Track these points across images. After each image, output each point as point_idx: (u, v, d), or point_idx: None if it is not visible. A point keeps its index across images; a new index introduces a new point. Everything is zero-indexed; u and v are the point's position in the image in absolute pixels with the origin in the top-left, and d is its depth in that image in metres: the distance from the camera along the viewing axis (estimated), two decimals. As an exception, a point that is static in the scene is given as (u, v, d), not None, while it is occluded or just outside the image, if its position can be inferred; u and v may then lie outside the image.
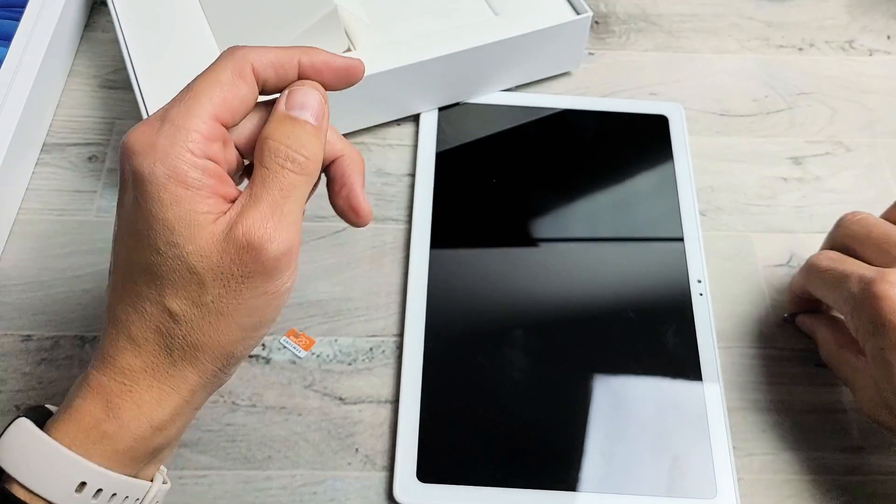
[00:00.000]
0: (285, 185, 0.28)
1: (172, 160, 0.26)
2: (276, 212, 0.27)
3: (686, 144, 0.49)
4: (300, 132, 0.28)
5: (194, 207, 0.26)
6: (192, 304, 0.27)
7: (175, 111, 0.27)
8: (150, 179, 0.26)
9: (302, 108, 0.29)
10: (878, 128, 0.51)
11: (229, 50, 0.29)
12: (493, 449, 0.38)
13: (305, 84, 0.30)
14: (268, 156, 0.28)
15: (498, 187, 0.46)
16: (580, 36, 0.50)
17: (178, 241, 0.26)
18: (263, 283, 0.27)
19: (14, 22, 0.48)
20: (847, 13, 0.58)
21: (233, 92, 0.28)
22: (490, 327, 0.41)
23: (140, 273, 0.27)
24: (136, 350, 0.27)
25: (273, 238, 0.27)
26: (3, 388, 0.39)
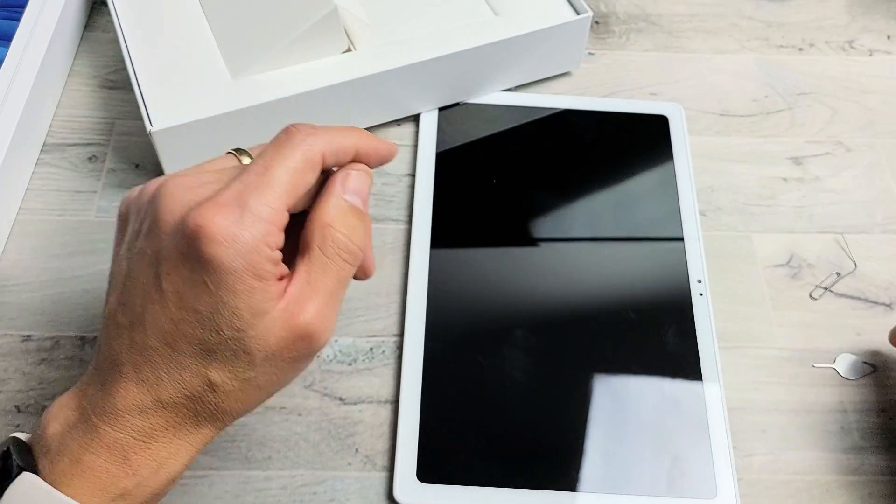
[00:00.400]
0: (342, 276, 0.29)
1: (252, 255, 0.26)
2: (332, 301, 0.28)
3: (686, 144, 0.49)
4: (358, 223, 0.29)
5: (263, 297, 0.26)
6: (234, 378, 0.27)
7: (254, 200, 0.26)
8: (230, 271, 0.26)
9: (357, 195, 0.30)
10: (878, 128, 0.51)
11: (300, 133, 0.29)
12: (493, 449, 0.38)
13: (361, 169, 0.30)
14: (330, 245, 0.28)
15: (498, 187, 0.46)
16: (580, 36, 0.50)
17: (242, 327, 0.26)
18: (304, 362, 0.29)
19: (14, 22, 0.48)
20: (847, 13, 0.58)
21: (303, 181, 0.28)
22: (490, 327, 0.41)
23: (187, 345, 0.27)
24: (161, 412, 0.27)
25: (327, 328, 0.28)
26: (3, 389, 0.39)
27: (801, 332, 0.42)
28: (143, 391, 0.27)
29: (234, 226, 0.26)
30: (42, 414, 0.28)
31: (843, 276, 0.44)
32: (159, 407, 0.27)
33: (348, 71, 0.45)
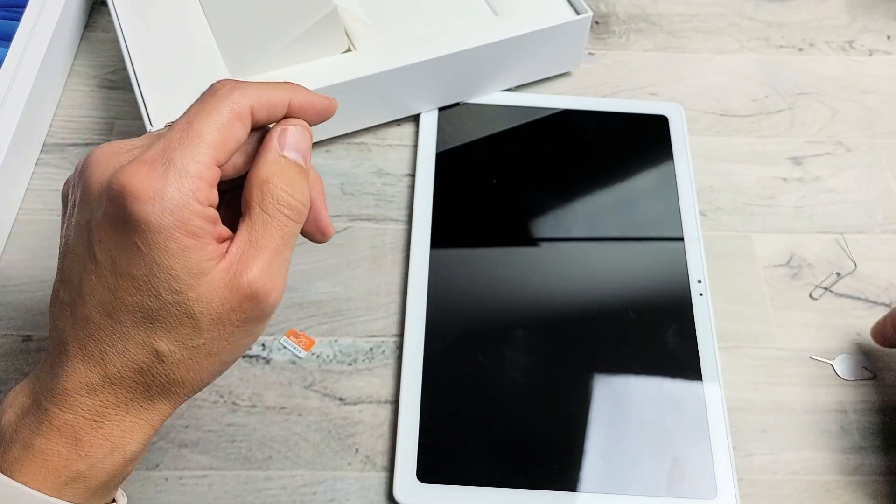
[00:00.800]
0: (286, 233, 0.28)
1: (181, 210, 0.25)
2: (278, 259, 0.27)
3: (686, 144, 0.49)
4: (297, 177, 0.28)
5: (199, 255, 0.26)
6: (182, 345, 0.26)
7: (179, 154, 0.26)
8: (158, 229, 0.25)
9: (296, 151, 0.29)
10: (878, 128, 0.51)
11: (225, 87, 0.28)
12: (493, 449, 0.38)
13: (297, 124, 0.30)
14: (270, 202, 0.28)
15: (498, 187, 0.46)
16: (580, 36, 0.50)
17: (181, 289, 0.26)
18: (256, 325, 0.28)
19: (14, 22, 0.48)
20: (847, 13, 0.58)
21: (231, 134, 0.27)
22: (490, 327, 0.41)
23: (127, 314, 0.26)
24: (110, 388, 0.26)
25: (276, 287, 0.27)
26: (3, 389, 0.39)
27: (801, 332, 0.42)
28: (90, 368, 0.26)
29: (159, 182, 0.25)
30: None
31: (843, 276, 0.44)
32: (108, 383, 0.26)
33: (348, 71, 0.45)
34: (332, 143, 0.48)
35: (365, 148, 0.48)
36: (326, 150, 0.48)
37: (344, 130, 0.48)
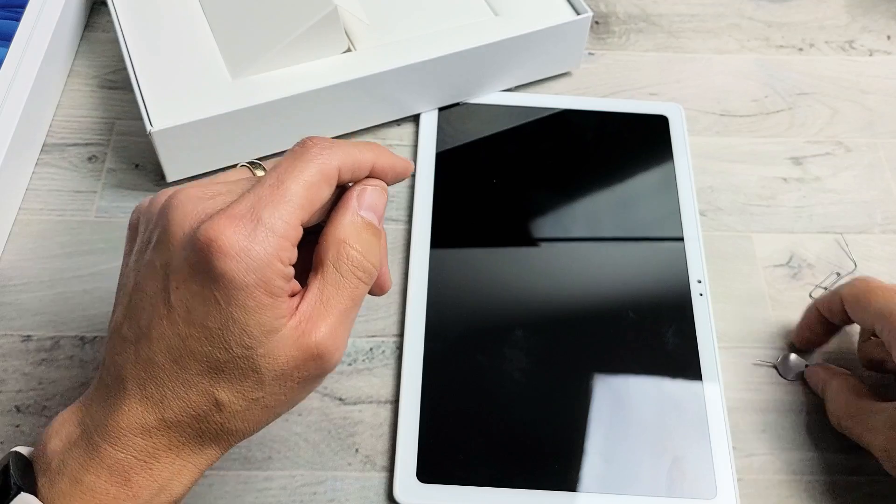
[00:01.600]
0: (356, 295, 0.28)
1: (265, 270, 0.25)
2: (345, 320, 0.28)
3: (686, 144, 0.49)
4: (373, 241, 0.29)
5: (274, 313, 0.26)
6: (242, 397, 0.27)
7: (268, 213, 0.26)
8: (241, 286, 0.25)
9: (373, 211, 0.29)
10: (878, 128, 0.51)
11: (316, 146, 0.28)
12: (493, 449, 0.38)
13: (377, 185, 0.30)
14: (345, 262, 0.28)
15: (498, 187, 0.46)
16: (580, 36, 0.50)
17: (251, 344, 0.26)
18: (314, 382, 0.28)
19: (14, 22, 0.48)
20: (847, 13, 0.58)
21: (317, 194, 0.27)
22: (490, 327, 0.41)
23: (194, 362, 0.26)
24: (165, 431, 0.26)
25: (339, 347, 0.27)
26: (3, 388, 0.39)
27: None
28: (148, 409, 0.26)
29: (247, 240, 0.25)
30: (45, 426, 0.28)
31: (843, 277, 0.44)
32: (163, 426, 0.26)
33: (348, 71, 0.45)
34: (332, 143, 0.48)
35: (365, 148, 0.48)
36: (326, 150, 0.48)
37: (344, 130, 0.48)
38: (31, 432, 0.38)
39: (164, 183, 0.45)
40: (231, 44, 0.46)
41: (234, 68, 0.45)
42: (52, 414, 0.38)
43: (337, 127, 0.47)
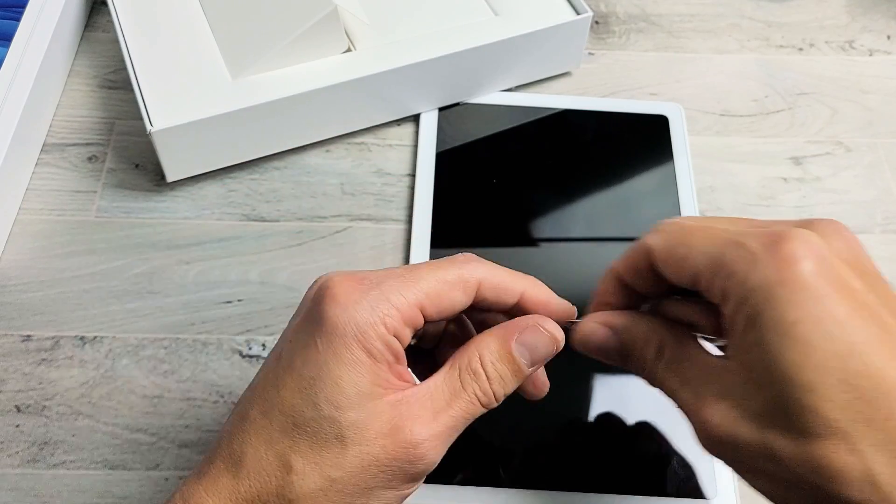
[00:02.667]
0: (470, 413, 0.27)
1: (366, 327, 0.25)
2: (450, 431, 0.26)
3: (686, 144, 0.49)
4: (510, 375, 0.28)
5: (370, 377, 0.25)
6: (319, 473, 0.25)
7: (390, 284, 0.26)
8: (342, 334, 0.25)
9: (529, 353, 0.28)
10: (878, 128, 0.51)
11: (464, 257, 0.28)
12: (493, 449, 0.38)
13: (547, 332, 0.28)
14: (472, 379, 0.27)
15: (498, 187, 0.46)
16: (580, 36, 0.50)
17: (341, 404, 0.25)
18: (399, 484, 0.26)
19: (14, 22, 0.48)
20: (847, 13, 0.58)
21: (448, 294, 0.27)
22: (490, 327, 0.41)
23: (281, 416, 0.25)
24: (235, 499, 0.25)
25: (433, 455, 0.26)
26: (3, 388, 0.39)
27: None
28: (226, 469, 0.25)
29: (359, 294, 0.25)
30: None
31: (843, 276, 0.44)
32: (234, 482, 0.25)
33: (348, 71, 0.45)
34: (332, 143, 0.48)
35: (365, 148, 0.48)
36: (326, 150, 0.48)
37: (344, 130, 0.48)
38: (31, 432, 0.38)
39: (164, 183, 0.45)
40: (231, 44, 0.46)
41: (234, 68, 0.45)
42: (51, 414, 0.38)
43: (337, 127, 0.47)
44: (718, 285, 0.25)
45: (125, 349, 0.40)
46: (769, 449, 0.24)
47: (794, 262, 0.23)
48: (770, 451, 0.24)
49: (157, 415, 0.38)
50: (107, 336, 0.41)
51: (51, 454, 0.37)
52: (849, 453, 0.22)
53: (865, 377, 0.22)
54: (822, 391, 0.22)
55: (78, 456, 0.37)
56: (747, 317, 0.24)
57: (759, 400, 0.24)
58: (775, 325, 0.23)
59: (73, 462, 0.37)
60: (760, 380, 0.24)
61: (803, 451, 0.23)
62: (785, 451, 0.23)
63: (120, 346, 0.40)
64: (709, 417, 0.25)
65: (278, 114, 0.44)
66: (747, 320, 0.24)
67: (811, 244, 0.24)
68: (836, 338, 0.23)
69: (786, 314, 0.23)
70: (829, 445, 0.23)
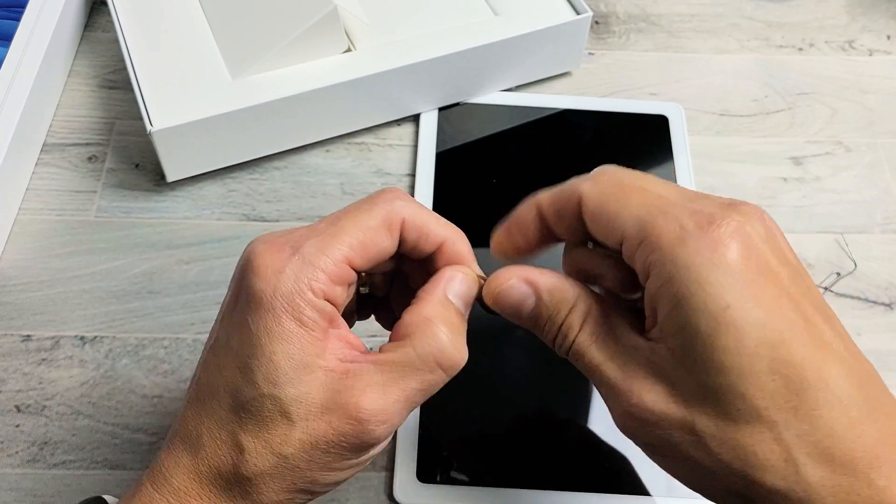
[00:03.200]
0: (430, 383, 0.25)
1: (292, 295, 0.24)
2: (403, 404, 0.25)
3: (686, 144, 0.49)
4: (459, 324, 0.26)
5: (305, 348, 0.24)
6: (269, 451, 0.24)
7: (311, 244, 0.25)
8: (269, 308, 0.24)
9: (463, 303, 0.27)
10: (878, 128, 0.51)
11: (388, 193, 0.27)
12: (493, 449, 0.38)
13: (471, 276, 0.28)
14: (425, 342, 0.25)
15: (498, 187, 0.46)
16: (580, 36, 0.50)
17: (279, 381, 0.24)
18: (353, 453, 0.25)
19: (14, 22, 0.48)
20: (847, 13, 0.58)
21: (374, 241, 0.26)
22: (490, 327, 0.41)
23: (227, 396, 0.25)
24: (196, 475, 0.25)
25: (387, 422, 0.25)
26: (3, 388, 0.39)
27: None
28: (184, 449, 0.25)
29: (281, 262, 0.25)
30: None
31: (843, 276, 0.44)
32: (195, 469, 0.25)
33: (348, 71, 0.45)
34: (332, 143, 0.48)
35: (365, 148, 0.48)
36: (326, 149, 0.48)
37: (344, 130, 0.48)
38: (31, 432, 0.38)
39: (164, 183, 0.45)
40: (231, 44, 0.46)
41: (234, 68, 0.45)
42: (51, 414, 0.38)
43: (337, 127, 0.47)
44: (642, 257, 0.25)
45: (125, 349, 0.40)
46: (697, 432, 0.23)
47: (724, 245, 0.23)
48: (697, 435, 0.23)
49: (157, 415, 0.38)
50: (107, 336, 0.41)
51: (51, 454, 0.37)
52: (774, 441, 0.23)
53: (792, 366, 0.22)
54: (751, 378, 0.22)
55: (78, 456, 0.37)
56: (674, 296, 0.23)
57: (689, 383, 0.24)
58: (706, 309, 0.23)
59: (73, 462, 0.37)
60: (690, 363, 0.23)
61: (731, 437, 0.23)
62: (713, 436, 0.23)
63: (120, 346, 0.40)
64: (640, 397, 0.24)
65: (278, 114, 0.44)
66: (674, 300, 0.23)
67: (741, 228, 0.24)
68: (766, 325, 0.23)
69: (717, 298, 0.23)
70: (756, 432, 0.23)
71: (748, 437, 0.23)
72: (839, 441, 0.22)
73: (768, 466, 0.23)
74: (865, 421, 0.23)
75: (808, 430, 0.22)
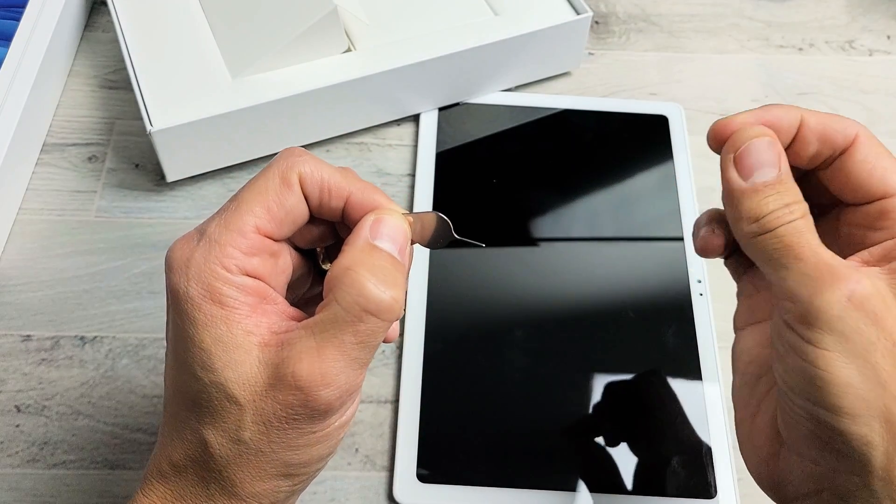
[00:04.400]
0: (363, 331, 0.24)
1: (205, 277, 0.24)
2: (341, 357, 0.24)
3: (686, 144, 0.49)
4: (390, 268, 0.25)
5: (232, 328, 0.24)
6: (228, 439, 0.24)
7: (215, 225, 0.25)
8: (185, 298, 0.24)
9: (392, 242, 0.26)
10: (878, 128, 0.51)
11: (285, 153, 0.26)
12: (493, 449, 0.38)
13: (394, 214, 0.26)
14: (345, 291, 0.24)
15: (498, 187, 0.46)
16: (580, 36, 0.50)
17: (215, 366, 0.24)
18: (310, 424, 0.24)
19: (14, 22, 0.48)
20: (847, 13, 0.58)
21: (278, 202, 0.25)
22: (490, 327, 0.41)
23: (182, 398, 0.25)
24: (176, 476, 0.25)
25: (331, 384, 0.24)
26: (3, 388, 0.39)
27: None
28: (163, 454, 0.25)
29: (188, 251, 0.24)
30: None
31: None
32: (174, 470, 0.25)
33: (348, 71, 0.45)
34: (332, 143, 0.48)
35: (365, 148, 0.48)
36: (326, 150, 0.48)
37: (344, 130, 0.48)
38: (31, 432, 0.38)
39: (164, 183, 0.45)
40: (231, 44, 0.46)
41: (234, 68, 0.45)
42: (51, 414, 0.38)
43: (337, 127, 0.47)
44: None
45: (125, 349, 0.40)
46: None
47: None
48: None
49: (157, 415, 0.38)
50: (107, 336, 0.41)
51: (51, 454, 0.37)
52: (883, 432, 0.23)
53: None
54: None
55: (78, 456, 0.37)
56: None
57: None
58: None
59: (73, 462, 0.37)
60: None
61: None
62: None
63: (120, 346, 0.40)
64: (860, 282, 0.23)
65: (278, 114, 0.44)
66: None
67: None
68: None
69: None
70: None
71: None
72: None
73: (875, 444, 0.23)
74: None
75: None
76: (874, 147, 0.26)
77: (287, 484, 0.25)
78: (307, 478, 0.26)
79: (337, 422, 0.25)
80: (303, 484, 0.26)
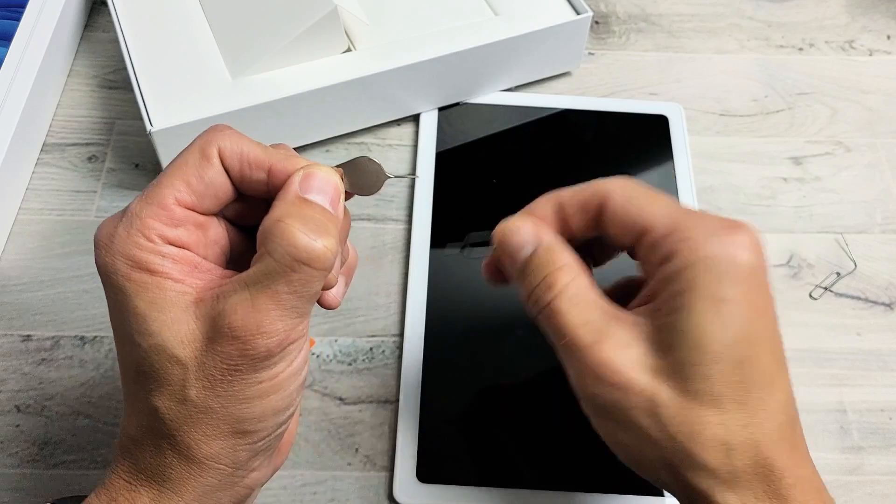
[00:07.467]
0: (295, 280, 0.24)
1: (129, 248, 0.24)
2: (276, 305, 0.24)
3: (686, 144, 0.49)
4: (321, 218, 0.25)
5: (164, 290, 0.24)
6: (175, 400, 0.24)
7: (136, 202, 0.25)
8: (113, 271, 0.25)
9: (323, 195, 0.26)
10: (878, 128, 0.51)
11: (208, 130, 0.27)
12: (493, 449, 0.38)
13: (322, 169, 0.26)
14: (276, 242, 0.24)
15: (498, 187, 0.46)
16: (580, 36, 0.50)
17: (152, 329, 0.24)
18: (254, 374, 0.24)
19: (14, 22, 0.48)
20: (847, 13, 0.58)
21: (197, 175, 0.26)
22: (490, 327, 0.41)
23: (128, 370, 0.25)
24: (134, 448, 0.25)
25: (267, 332, 0.24)
26: (3, 388, 0.39)
27: (801, 332, 0.42)
28: (124, 430, 0.26)
29: (112, 227, 0.25)
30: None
31: (843, 276, 0.44)
32: (133, 444, 0.25)
33: (348, 71, 0.45)
34: (332, 143, 0.48)
35: (365, 148, 0.48)
36: (326, 149, 0.48)
37: (344, 130, 0.48)
38: (31, 432, 0.38)
39: (164, 183, 0.45)
40: (231, 44, 0.46)
41: (234, 68, 0.45)
42: (51, 414, 0.38)
43: (337, 127, 0.47)
44: (668, 245, 0.27)
45: (125, 349, 0.40)
46: (656, 402, 0.26)
47: (745, 249, 0.26)
48: (655, 405, 0.26)
49: (157, 415, 0.38)
50: (107, 336, 0.41)
51: (51, 454, 0.37)
52: (719, 425, 0.26)
53: (752, 368, 0.26)
54: (720, 366, 0.26)
55: (78, 456, 0.37)
56: (688, 279, 0.26)
57: (664, 357, 0.26)
58: (710, 296, 0.26)
59: (73, 462, 0.37)
60: (673, 339, 0.26)
61: (685, 413, 0.26)
62: (668, 407, 0.26)
63: (120, 346, 0.40)
64: (611, 357, 0.26)
65: (278, 114, 0.44)
66: (687, 282, 0.26)
67: (756, 240, 0.27)
68: (749, 327, 0.26)
69: (722, 290, 0.26)
70: (708, 414, 0.26)
71: (700, 416, 0.26)
72: (766, 440, 0.26)
73: (708, 446, 0.26)
74: (787, 431, 0.27)
75: (747, 422, 0.26)
76: (627, 192, 0.29)
77: (245, 442, 0.25)
78: (266, 435, 0.26)
79: (285, 371, 0.25)
80: (263, 442, 0.26)
